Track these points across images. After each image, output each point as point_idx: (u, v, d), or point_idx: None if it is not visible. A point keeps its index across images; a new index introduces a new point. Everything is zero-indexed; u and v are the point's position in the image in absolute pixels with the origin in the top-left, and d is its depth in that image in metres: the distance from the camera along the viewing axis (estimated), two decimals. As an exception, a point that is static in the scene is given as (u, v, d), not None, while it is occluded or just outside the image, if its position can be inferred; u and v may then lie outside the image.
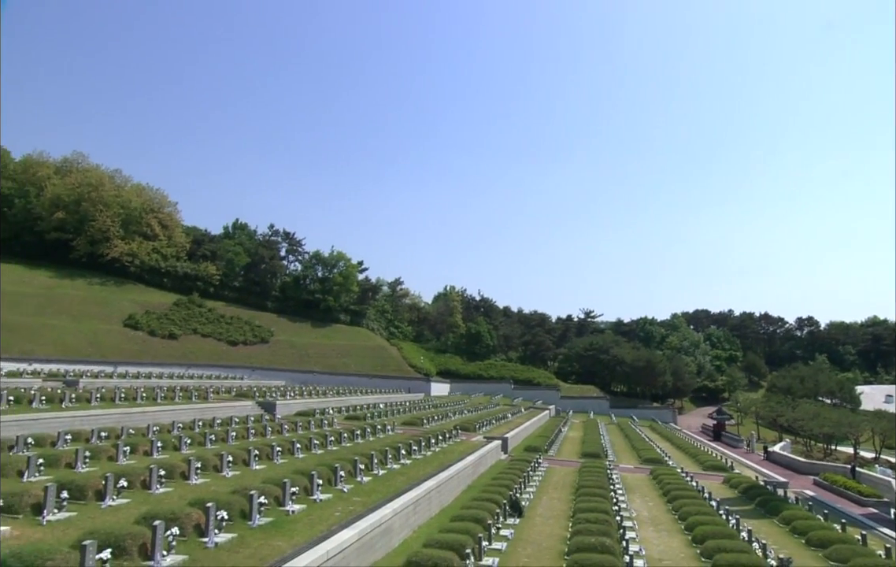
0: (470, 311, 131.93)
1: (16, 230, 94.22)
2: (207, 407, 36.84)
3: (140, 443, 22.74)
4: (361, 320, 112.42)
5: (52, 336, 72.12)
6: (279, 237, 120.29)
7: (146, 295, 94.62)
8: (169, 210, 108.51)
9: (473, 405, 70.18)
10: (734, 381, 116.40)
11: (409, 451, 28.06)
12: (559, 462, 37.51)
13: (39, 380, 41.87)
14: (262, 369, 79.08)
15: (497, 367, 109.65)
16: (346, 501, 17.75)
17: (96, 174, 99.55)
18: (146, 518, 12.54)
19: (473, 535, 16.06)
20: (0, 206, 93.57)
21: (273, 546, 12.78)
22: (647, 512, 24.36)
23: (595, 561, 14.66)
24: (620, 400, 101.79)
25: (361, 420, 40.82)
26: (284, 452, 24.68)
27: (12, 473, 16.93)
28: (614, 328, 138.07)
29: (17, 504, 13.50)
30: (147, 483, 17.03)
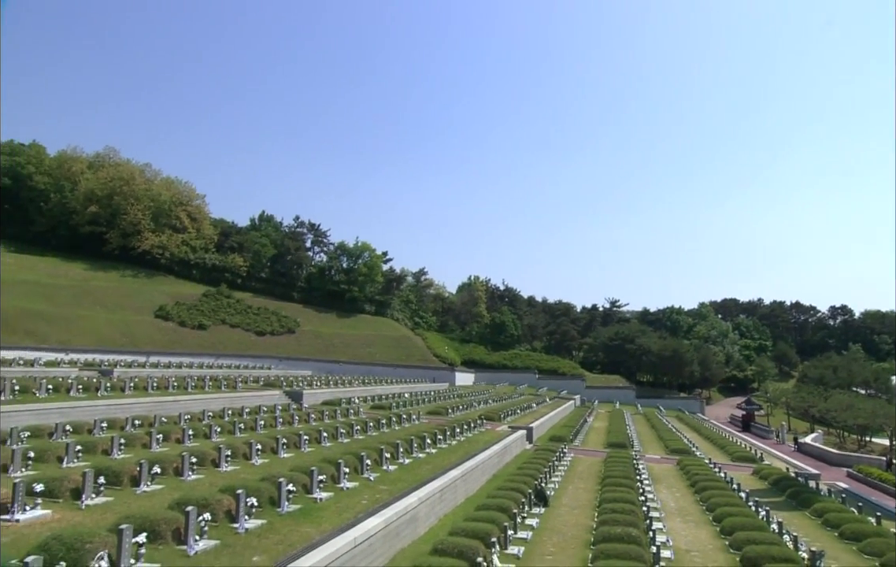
0: (494, 300, 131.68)
1: (52, 224, 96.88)
2: (236, 396, 37.55)
3: (172, 431, 23.30)
4: (386, 310, 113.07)
5: (87, 327, 74.12)
6: (304, 229, 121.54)
7: (176, 286, 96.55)
8: (197, 203, 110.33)
9: (498, 395, 70.20)
10: (764, 370, 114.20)
11: (435, 440, 28.22)
12: (584, 452, 37.35)
13: (76, 369, 43.13)
14: (288, 359, 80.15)
15: (521, 356, 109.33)
16: (373, 490, 17.96)
17: (127, 169, 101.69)
18: (179, 504, 12.88)
19: (499, 524, 16.13)
20: (37, 200, 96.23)
21: (301, 532, 13.02)
22: (674, 503, 24.14)
23: (621, 551, 14.60)
24: (646, 390, 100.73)
25: (387, 409, 41.16)
26: (311, 441, 25.04)
27: (52, 459, 17.53)
28: (640, 318, 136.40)
29: (57, 489, 13.98)
30: (179, 470, 17.46)
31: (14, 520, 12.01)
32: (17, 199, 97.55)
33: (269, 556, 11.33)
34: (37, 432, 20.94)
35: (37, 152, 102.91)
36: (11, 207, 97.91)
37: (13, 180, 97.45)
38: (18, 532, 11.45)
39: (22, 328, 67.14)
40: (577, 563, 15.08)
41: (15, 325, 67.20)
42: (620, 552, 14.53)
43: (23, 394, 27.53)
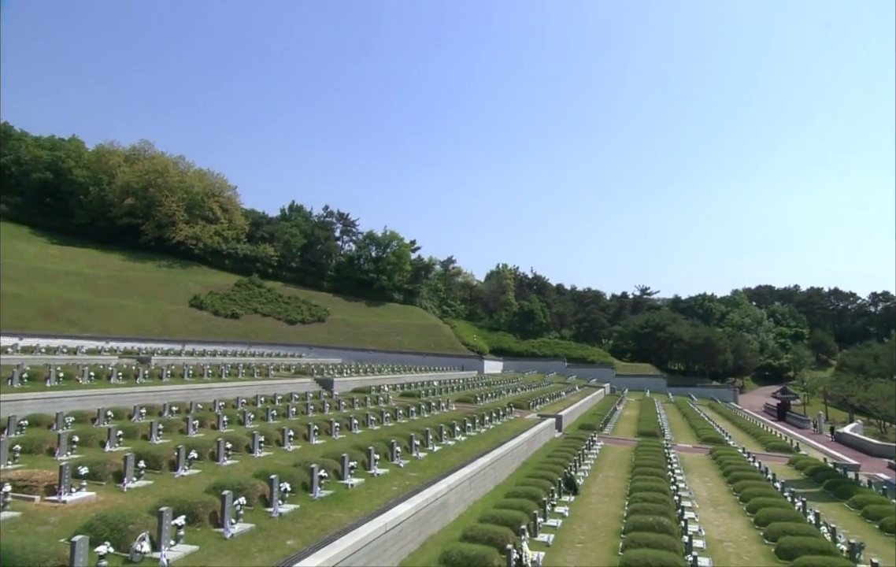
0: (522, 288, 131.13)
1: (92, 216, 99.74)
2: (269, 383, 38.28)
3: (207, 417, 23.90)
4: (415, 299, 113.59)
5: (125, 316, 76.31)
6: (334, 218, 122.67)
7: (209, 276, 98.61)
8: (229, 194, 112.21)
9: (527, 383, 70.05)
10: (800, 359, 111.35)
11: (464, 427, 28.36)
12: (614, 440, 37.08)
13: (116, 357, 44.50)
14: (319, 347, 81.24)
15: (550, 345, 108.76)
16: (403, 476, 18.16)
17: (162, 161, 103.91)
18: (215, 488, 13.24)
19: (528, 512, 16.16)
20: (77, 194, 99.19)
21: (333, 517, 13.26)
22: (706, 492, 23.82)
23: (652, 540, 14.49)
24: (678, 378, 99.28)
25: (416, 397, 41.47)
26: (342, 428, 25.40)
27: (95, 443, 18.20)
28: (671, 305, 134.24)
29: (101, 472, 14.51)
30: (215, 455, 17.93)
31: (62, 501, 12.53)
32: (58, 193, 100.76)
33: (303, 540, 11.58)
34: (80, 417, 21.72)
35: (76, 147, 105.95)
36: (53, 201, 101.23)
37: (55, 175, 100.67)
38: (66, 512, 11.94)
39: (65, 317, 69.54)
40: (607, 551, 15.04)
41: (58, 315, 69.66)
42: (652, 541, 14.42)
43: (67, 380, 28.55)
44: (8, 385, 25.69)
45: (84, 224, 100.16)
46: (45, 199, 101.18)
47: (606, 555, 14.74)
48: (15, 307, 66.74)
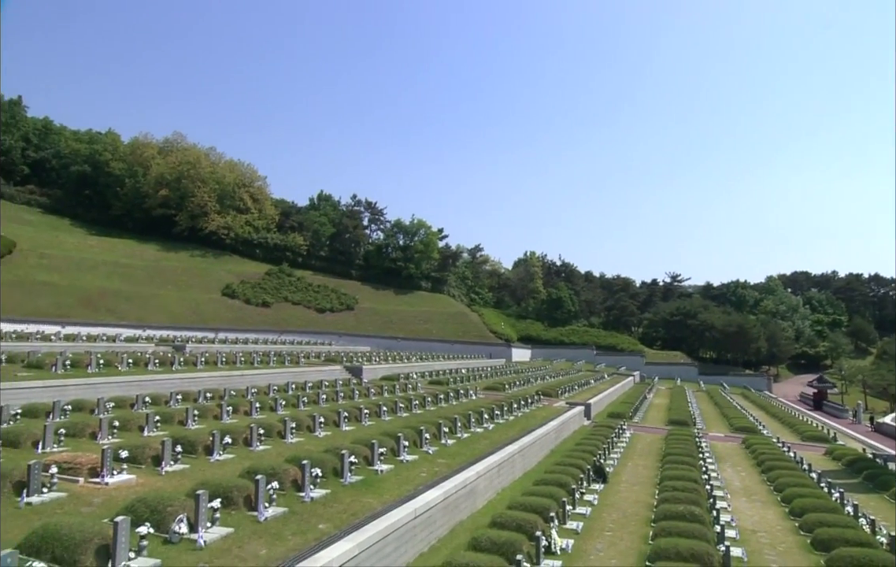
0: (551, 276, 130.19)
1: (128, 207, 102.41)
2: (299, 371, 38.90)
3: (240, 403, 24.44)
4: (442, 287, 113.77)
5: (160, 305, 78.28)
6: (362, 207, 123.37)
7: (241, 265, 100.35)
8: (259, 184, 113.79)
9: (555, 371, 69.73)
10: (838, 347, 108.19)
11: (492, 415, 28.41)
12: (644, 429, 36.71)
13: (152, 345, 45.72)
14: (348, 335, 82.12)
15: (579, 332, 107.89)
16: (432, 463, 18.31)
17: (194, 152, 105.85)
18: (249, 472, 13.56)
19: (557, 500, 16.15)
20: (114, 186, 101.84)
21: (364, 502, 13.46)
22: (738, 482, 23.46)
23: (683, 529, 14.34)
24: (709, 367, 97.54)
25: (444, 385, 41.66)
26: (372, 415, 25.70)
27: (134, 428, 18.79)
28: (703, 292, 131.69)
29: (140, 455, 15.00)
30: (248, 440, 18.34)
31: (104, 483, 13.00)
32: (96, 185, 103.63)
33: (334, 524, 11.79)
34: (120, 403, 22.45)
35: (112, 140, 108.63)
36: (92, 193, 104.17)
37: (92, 167, 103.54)
38: (108, 494, 12.39)
39: (104, 306, 71.65)
40: (637, 540, 14.96)
41: (98, 304, 71.82)
42: (683, 530, 14.27)
43: (107, 367, 29.50)
44: (52, 371, 26.66)
45: (121, 215, 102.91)
46: (84, 191, 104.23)
47: (636, 543, 14.67)
48: (57, 296, 69.10)
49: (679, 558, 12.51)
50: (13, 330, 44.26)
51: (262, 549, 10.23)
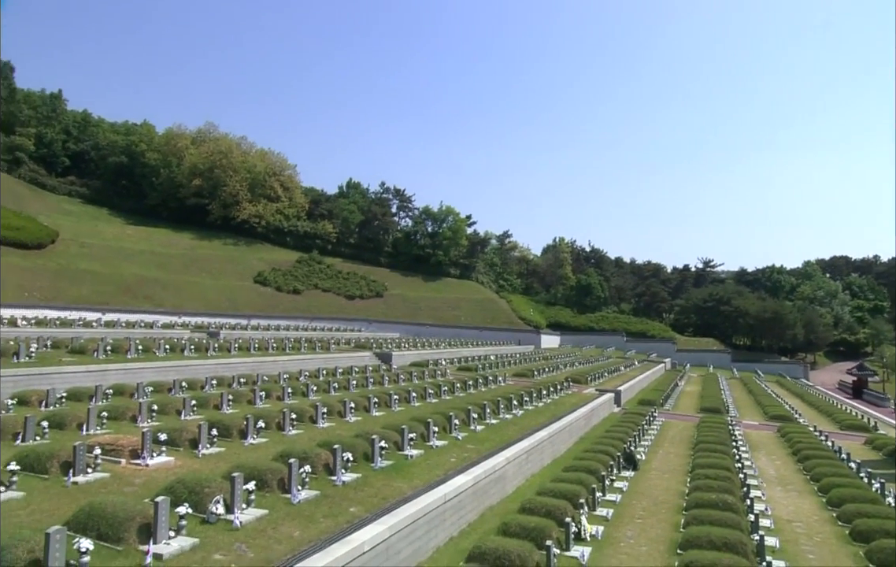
0: (580, 262, 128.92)
1: (163, 197, 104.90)
2: (330, 357, 39.45)
3: (273, 389, 24.93)
4: (471, 273, 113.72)
5: (195, 292, 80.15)
6: (390, 194, 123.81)
7: (272, 253, 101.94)
8: (289, 173, 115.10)
9: (584, 357, 69.23)
10: (879, 333, 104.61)
11: (521, 401, 28.41)
12: (676, 416, 36.25)
13: (188, 331, 46.91)
14: (377, 322, 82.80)
15: (609, 319, 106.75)
16: (461, 448, 18.43)
17: (226, 142, 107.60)
18: (282, 456, 13.86)
19: (587, 486, 16.11)
20: (149, 176, 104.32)
21: (394, 487, 13.65)
22: (773, 471, 23.02)
23: (716, 518, 14.16)
24: (743, 354, 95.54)
25: (473, 371, 41.77)
26: (401, 400, 25.95)
27: (172, 412, 19.36)
28: (736, 278, 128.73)
29: (178, 438, 15.47)
30: (281, 425, 18.73)
31: (145, 464, 13.47)
32: (132, 176, 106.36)
33: (365, 507, 12.00)
34: (158, 387, 23.14)
35: (148, 131, 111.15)
36: (129, 183, 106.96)
37: (129, 158, 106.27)
38: (148, 475, 12.83)
39: (141, 293, 73.72)
40: (668, 527, 14.85)
41: (136, 291, 73.93)
42: (715, 519, 14.10)
43: (145, 353, 30.39)
44: (94, 357, 27.60)
45: (156, 205, 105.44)
46: (121, 181, 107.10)
47: (667, 531, 14.56)
48: (98, 284, 71.33)
49: (711, 547, 12.36)
50: (57, 317, 45.90)
51: (296, 530, 10.48)
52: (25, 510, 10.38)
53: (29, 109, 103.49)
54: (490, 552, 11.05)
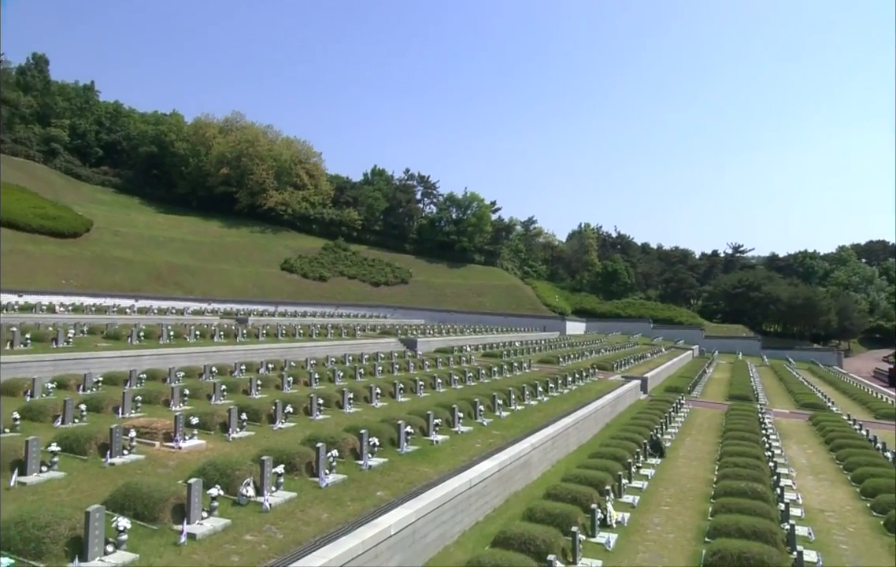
0: (606, 248, 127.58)
1: (192, 186, 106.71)
2: (356, 343, 39.85)
3: (300, 374, 25.29)
4: (495, 260, 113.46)
5: (223, 279, 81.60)
6: (415, 181, 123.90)
7: (298, 240, 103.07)
8: (315, 160, 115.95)
9: (610, 344, 68.68)
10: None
11: (546, 388, 28.34)
12: (703, 404, 35.79)
13: (217, 318, 47.85)
14: (402, 308, 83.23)
15: (635, 305, 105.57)
16: (486, 434, 18.49)
17: (252, 131, 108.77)
18: (310, 440, 14.08)
19: (613, 473, 16.04)
20: (178, 165, 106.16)
21: (420, 472, 13.78)
22: (805, 459, 22.61)
23: (745, 506, 13.97)
24: (773, 341, 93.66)
25: (498, 357, 41.77)
26: (426, 386, 26.09)
27: (203, 396, 19.80)
28: (767, 263, 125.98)
29: (209, 422, 15.83)
30: (308, 410, 19.01)
31: (178, 447, 13.83)
32: (162, 165, 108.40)
33: (392, 491, 12.14)
34: (189, 372, 23.68)
35: (177, 121, 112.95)
36: (159, 172, 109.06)
37: (159, 148, 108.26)
38: (181, 457, 13.18)
39: (172, 280, 75.36)
40: (695, 515, 14.72)
41: (167, 278, 75.59)
42: (744, 507, 13.91)
43: (177, 338, 31.11)
44: (128, 342, 28.36)
45: (185, 193, 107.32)
46: (152, 171, 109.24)
47: (695, 519, 14.43)
48: (130, 271, 73.11)
49: (740, 535, 12.22)
50: (93, 303, 47.21)
51: (324, 513, 10.66)
52: (66, 489, 10.77)
53: (63, 101, 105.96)
54: (515, 537, 11.10)
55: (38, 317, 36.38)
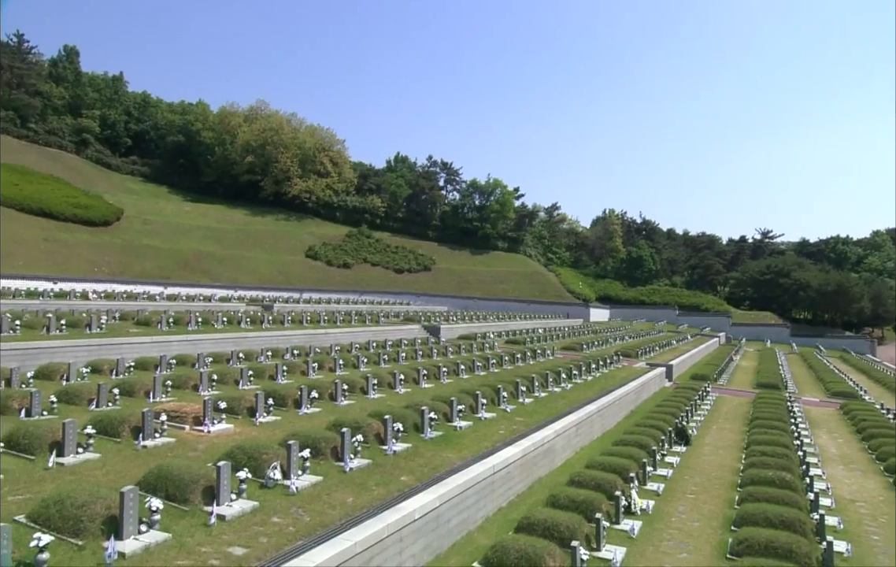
0: (631, 234, 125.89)
1: (218, 174, 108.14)
2: (379, 330, 40.12)
3: (325, 360, 25.57)
4: (519, 247, 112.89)
5: (249, 266, 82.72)
6: (437, 168, 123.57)
7: (322, 228, 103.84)
8: (338, 148, 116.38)
9: (635, 331, 68.01)
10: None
11: (570, 375, 28.23)
12: (730, 392, 35.31)
13: (244, 304, 48.60)
14: (425, 295, 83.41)
15: (660, 292, 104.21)
16: (509, 421, 18.52)
17: (276, 119, 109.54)
18: (335, 425, 14.28)
19: (637, 460, 15.97)
20: (205, 154, 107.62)
21: (443, 457, 13.88)
22: (835, 449, 22.20)
23: (773, 495, 13.80)
24: (803, 328, 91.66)
25: (521, 344, 41.68)
26: (450, 373, 26.19)
27: (230, 381, 20.18)
28: (797, 249, 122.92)
29: (236, 407, 16.14)
30: (333, 395, 19.24)
31: (206, 431, 14.15)
32: (189, 154, 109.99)
33: (416, 476, 12.26)
34: (217, 358, 24.14)
35: (203, 110, 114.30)
36: (186, 161, 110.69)
37: (186, 137, 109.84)
38: (210, 441, 13.48)
39: (199, 268, 76.64)
40: (721, 504, 14.59)
41: (194, 266, 76.90)
42: (772, 496, 13.74)
43: (204, 325, 31.68)
44: (158, 328, 29.00)
45: (212, 182, 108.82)
46: (179, 160, 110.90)
47: (721, 507, 14.31)
48: (159, 259, 74.58)
49: (767, 524, 12.08)
50: (124, 290, 48.30)
51: (350, 497, 10.83)
52: (101, 470, 11.12)
53: (93, 92, 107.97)
54: (539, 523, 11.14)
55: (73, 303, 37.39)
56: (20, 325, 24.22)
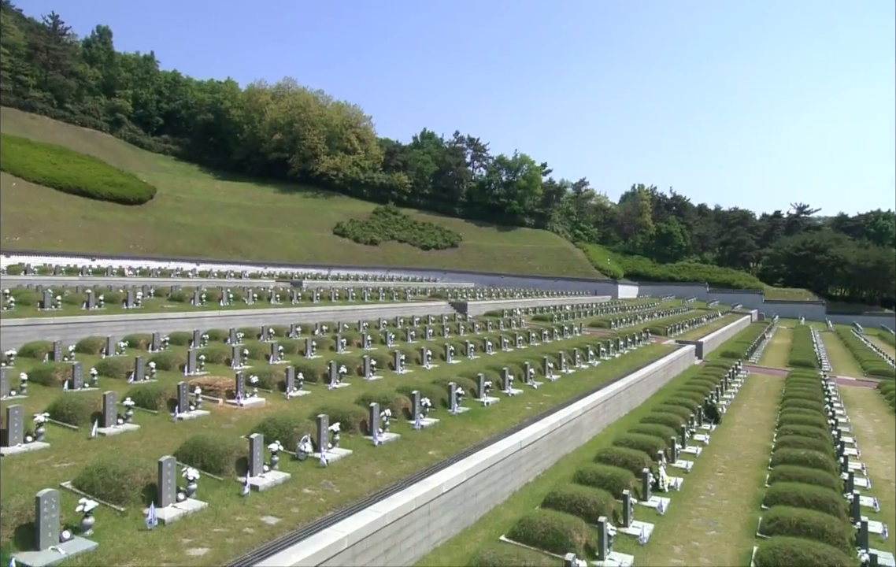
0: (660, 210, 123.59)
1: (247, 152, 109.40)
2: (407, 306, 40.38)
3: (353, 336, 25.91)
4: (546, 223, 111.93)
5: (278, 243, 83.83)
6: (464, 144, 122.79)
7: (350, 205, 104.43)
8: (365, 124, 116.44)
9: (664, 308, 67.03)
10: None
11: (598, 352, 28.06)
12: (762, 370, 34.68)
13: (273, 281, 49.31)
14: (452, 272, 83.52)
15: (690, 268, 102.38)
16: (536, 397, 18.55)
17: (304, 96, 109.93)
18: (364, 400, 14.50)
19: (666, 438, 15.87)
20: (234, 132, 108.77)
21: (471, 432, 14.00)
22: (871, 429, 21.70)
23: (805, 475, 13.59)
24: (840, 305, 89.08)
25: (548, 321, 41.53)
26: (477, 349, 26.29)
27: (261, 356, 20.61)
28: (835, 224, 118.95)
29: (268, 381, 16.50)
30: (362, 370, 19.51)
31: (239, 404, 14.52)
32: (219, 132, 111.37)
33: (443, 451, 12.41)
34: (248, 334, 24.65)
35: (231, 88, 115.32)
36: (215, 140, 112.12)
37: (215, 115, 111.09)
38: (243, 414, 13.84)
39: (230, 245, 77.97)
40: (751, 482, 14.43)
41: (225, 243, 78.23)
42: (804, 475, 13.53)
43: (236, 301, 32.32)
44: (191, 304, 29.69)
45: (241, 160, 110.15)
46: (209, 138, 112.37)
47: (751, 486, 14.16)
48: (191, 236, 76.04)
49: (799, 504, 11.92)
50: (158, 267, 49.49)
51: (378, 470, 11.03)
52: (140, 440, 11.53)
53: (126, 72, 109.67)
54: (566, 499, 11.20)
55: (110, 279, 38.51)
56: (61, 300, 25.05)
